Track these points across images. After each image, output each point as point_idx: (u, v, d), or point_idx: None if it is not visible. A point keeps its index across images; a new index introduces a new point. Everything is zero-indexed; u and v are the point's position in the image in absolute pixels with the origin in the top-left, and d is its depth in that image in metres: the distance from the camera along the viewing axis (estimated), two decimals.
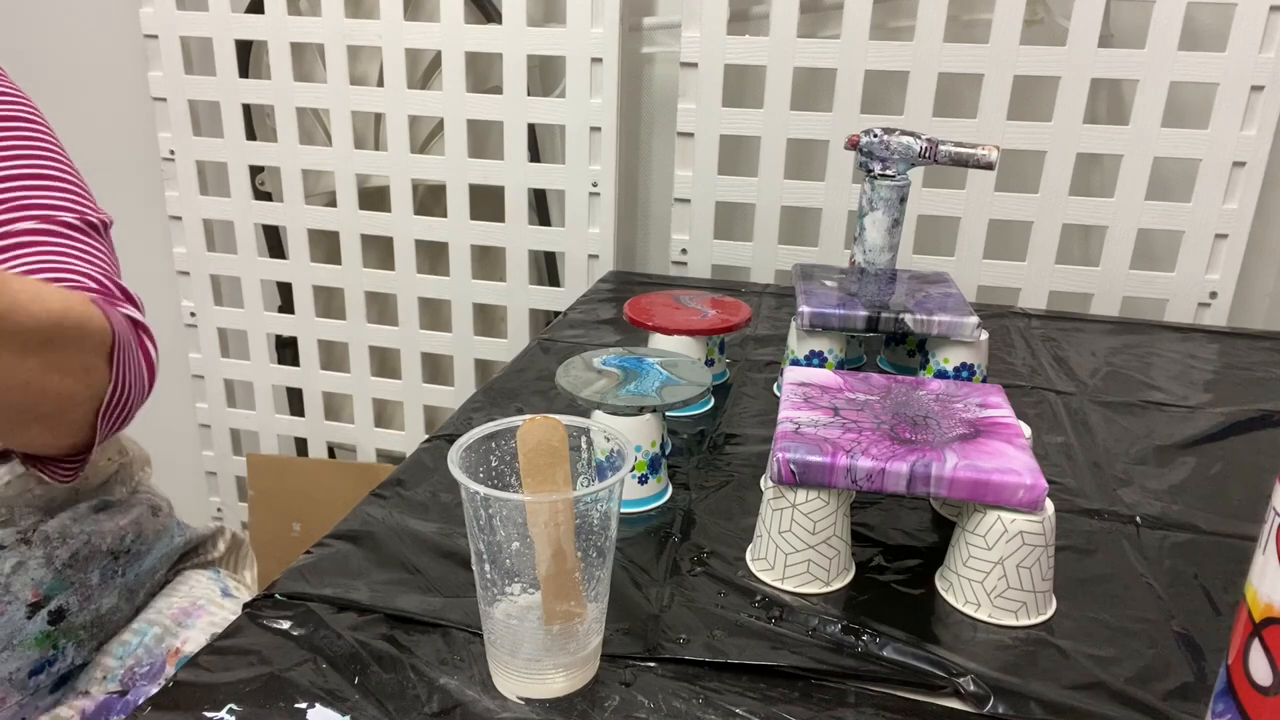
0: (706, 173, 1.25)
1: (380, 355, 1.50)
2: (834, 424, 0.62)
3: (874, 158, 0.84)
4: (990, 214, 1.20)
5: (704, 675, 0.52)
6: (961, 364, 0.83)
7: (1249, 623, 0.39)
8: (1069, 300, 1.22)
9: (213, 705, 0.49)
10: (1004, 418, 0.63)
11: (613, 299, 1.17)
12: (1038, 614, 0.57)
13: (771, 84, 1.20)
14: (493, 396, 0.88)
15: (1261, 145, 1.11)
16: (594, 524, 0.48)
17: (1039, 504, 0.55)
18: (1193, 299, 1.18)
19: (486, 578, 0.49)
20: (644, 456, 0.67)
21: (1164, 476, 0.76)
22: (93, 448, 0.60)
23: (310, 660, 0.52)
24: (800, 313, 0.84)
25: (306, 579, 0.59)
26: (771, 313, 1.14)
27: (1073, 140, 1.15)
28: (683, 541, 0.65)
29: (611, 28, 1.21)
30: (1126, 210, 1.16)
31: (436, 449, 0.77)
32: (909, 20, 1.18)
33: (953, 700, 0.51)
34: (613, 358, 0.74)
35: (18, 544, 0.65)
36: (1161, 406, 0.89)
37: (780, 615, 0.57)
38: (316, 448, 1.58)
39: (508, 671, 0.50)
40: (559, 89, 1.32)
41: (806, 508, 0.58)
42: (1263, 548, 0.39)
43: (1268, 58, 1.07)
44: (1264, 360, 1.03)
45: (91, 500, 0.71)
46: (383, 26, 1.28)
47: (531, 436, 0.47)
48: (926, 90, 1.15)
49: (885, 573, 0.62)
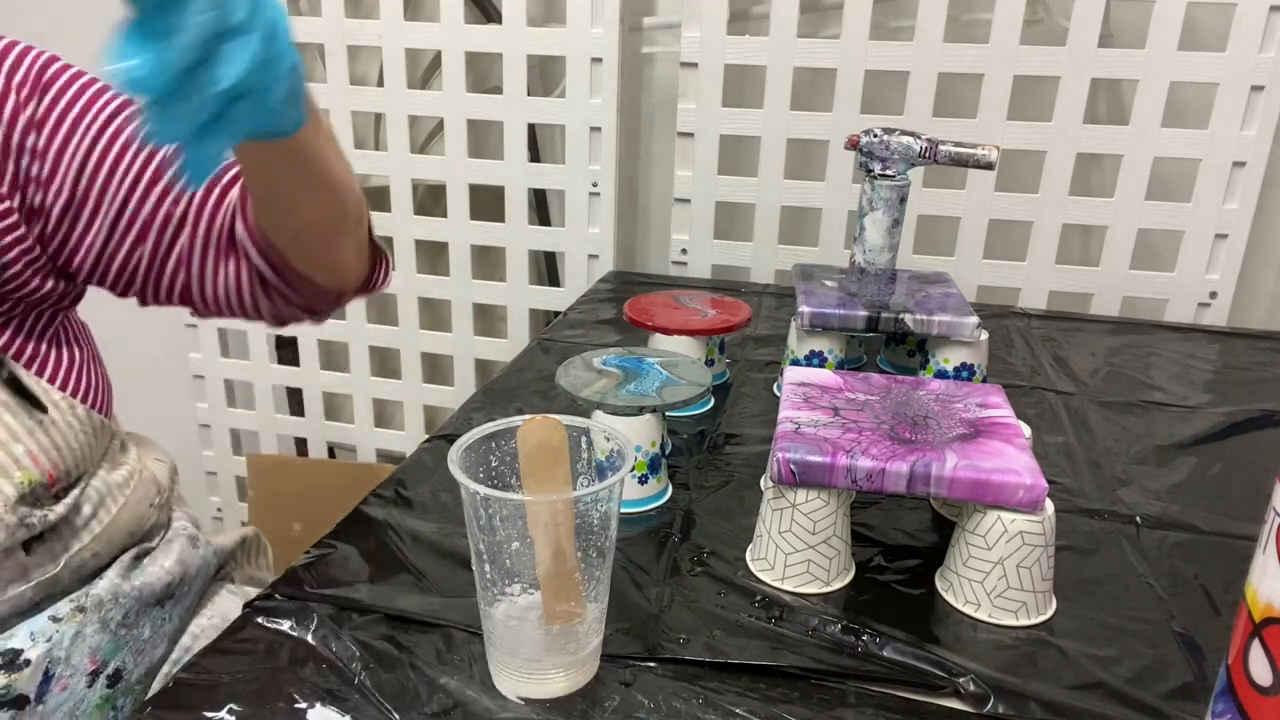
0: (706, 173, 1.25)
1: (380, 355, 1.50)
2: (834, 424, 0.62)
3: (874, 158, 0.84)
4: (990, 214, 1.20)
5: (704, 675, 0.52)
6: (961, 364, 0.83)
7: (1249, 623, 0.39)
8: (1069, 300, 1.22)
9: (213, 705, 0.49)
10: (1004, 418, 0.63)
11: (613, 299, 1.17)
12: (1038, 614, 0.57)
13: (771, 84, 1.20)
14: (493, 396, 0.88)
15: (1261, 145, 1.11)
16: (594, 524, 0.48)
17: (1039, 504, 0.55)
18: (1193, 299, 1.18)
19: (486, 578, 0.49)
20: (644, 456, 0.67)
21: (1164, 476, 0.76)
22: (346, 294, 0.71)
23: (310, 660, 0.52)
24: (800, 313, 0.84)
25: (306, 579, 0.59)
26: (771, 313, 1.14)
27: (1073, 140, 1.14)
28: (683, 541, 0.65)
29: (611, 28, 1.21)
30: (1126, 210, 1.16)
31: (436, 449, 0.77)
32: (909, 20, 1.18)
33: (953, 700, 0.51)
34: (613, 358, 0.74)
35: (74, 614, 0.64)
36: (1161, 406, 0.89)
37: (780, 615, 0.57)
38: (316, 448, 1.58)
39: (508, 671, 0.50)
40: (559, 89, 1.32)
41: (806, 508, 0.58)
42: (1263, 548, 0.39)
43: (1268, 58, 1.07)
44: (1264, 360, 1.03)
45: (132, 550, 0.70)
46: (383, 26, 1.28)
47: (532, 436, 0.47)
48: (926, 90, 1.15)
49: (885, 573, 0.62)
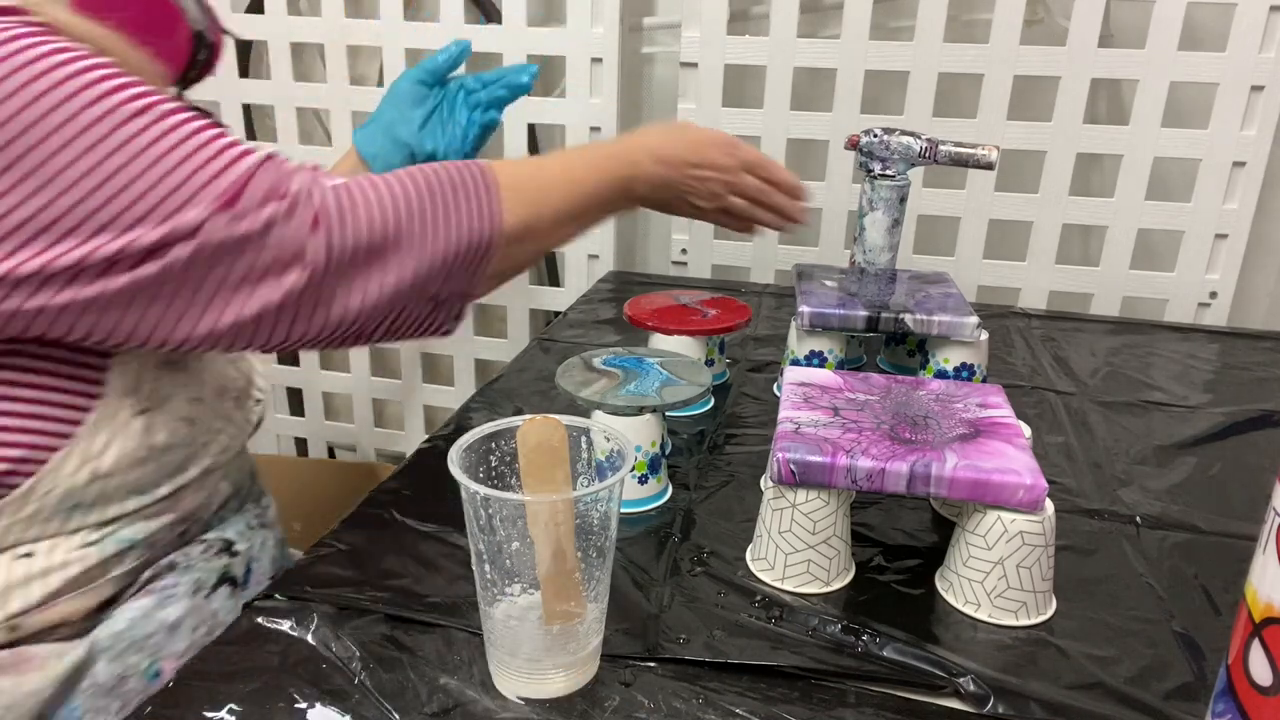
0: None
1: (380, 355, 1.50)
2: (834, 424, 0.62)
3: (874, 157, 0.84)
4: (990, 214, 1.20)
5: (704, 675, 0.52)
6: (961, 364, 0.83)
7: (1249, 623, 0.39)
8: (1069, 300, 1.22)
9: (213, 705, 0.49)
10: (1004, 418, 0.63)
11: (613, 299, 1.17)
12: (1038, 614, 0.57)
13: (771, 84, 1.20)
14: (493, 396, 0.88)
15: (1261, 145, 1.11)
16: (594, 524, 0.48)
17: (1039, 504, 0.55)
18: (1193, 299, 1.18)
19: (486, 578, 0.49)
20: (644, 456, 0.67)
21: (1164, 476, 0.76)
22: None
23: (310, 660, 0.52)
24: (800, 313, 0.84)
25: (306, 579, 0.59)
26: (771, 313, 1.14)
27: (1073, 140, 1.14)
28: (683, 541, 0.65)
29: (611, 28, 1.21)
30: (1126, 210, 1.16)
31: (436, 449, 0.77)
32: (909, 20, 1.18)
33: (953, 700, 0.51)
34: (613, 358, 0.74)
35: (260, 526, 0.70)
36: (1161, 406, 0.89)
37: (780, 615, 0.57)
38: (316, 448, 1.58)
39: (508, 671, 0.50)
40: (559, 89, 1.32)
41: (806, 508, 0.58)
42: (1263, 548, 0.39)
43: (1268, 58, 1.07)
44: (1264, 360, 1.03)
45: None
46: (383, 26, 1.28)
47: (531, 436, 0.47)
48: (926, 90, 1.15)
49: (885, 573, 0.62)
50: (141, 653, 0.60)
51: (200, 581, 0.65)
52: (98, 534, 0.60)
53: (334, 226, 0.55)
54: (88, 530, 0.59)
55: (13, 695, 0.55)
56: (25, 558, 0.57)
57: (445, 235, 0.60)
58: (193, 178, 0.51)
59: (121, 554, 0.61)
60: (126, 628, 0.60)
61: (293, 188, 0.54)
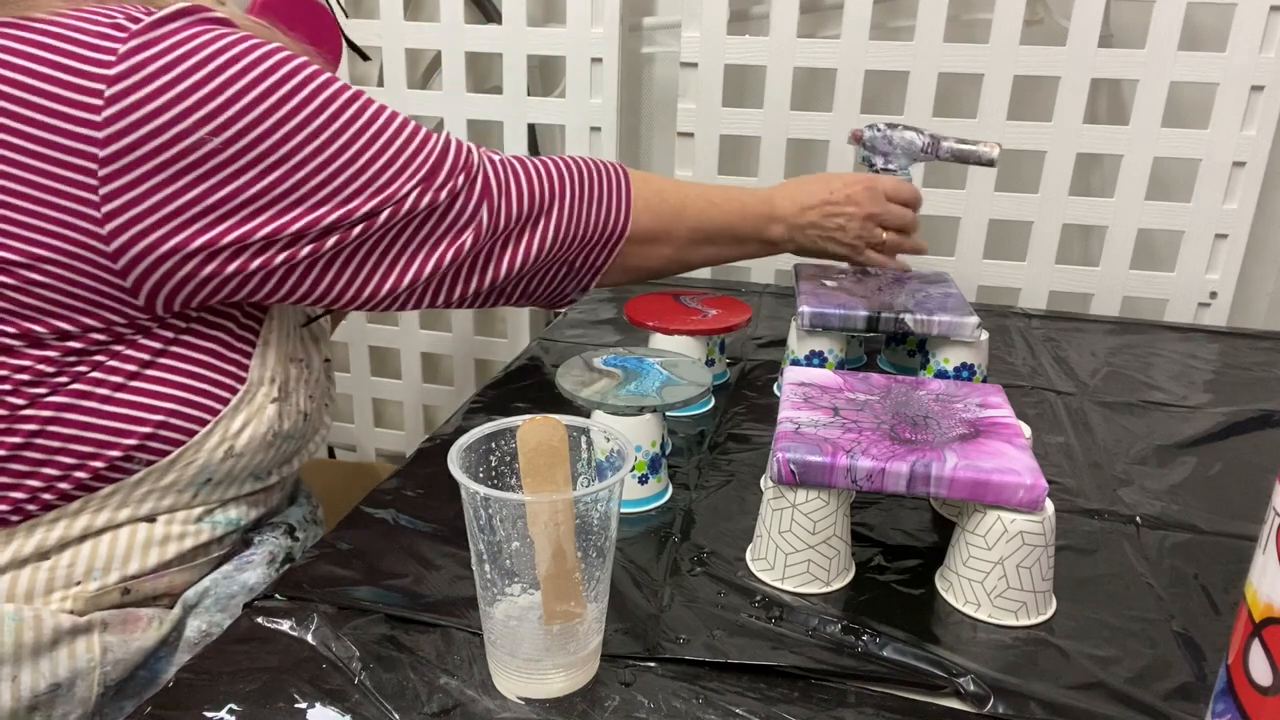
0: (706, 173, 1.25)
1: (380, 355, 1.50)
2: (834, 424, 0.62)
3: (876, 152, 0.84)
4: (990, 214, 1.20)
5: (704, 675, 0.52)
6: (961, 364, 0.83)
7: (1249, 623, 0.39)
8: (1069, 300, 1.22)
9: (213, 705, 0.49)
10: (1004, 418, 0.63)
11: (613, 299, 1.17)
12: (1038, 614, 0.57)
13: (771, 84, 1.20)
14: (492, 396, 0.88)
15: (1261, 145, 1.11)
16: (594, 524, 0.48)
17: (1039, 504, 0.55)
18: (1193, 299, 1.18)
19: (486, 578, 0.49)
20: (644, 456, 0.67)
21: (1164, 476, 0.76)
22: None
23: (310, 660, 0.52)
24: (800, 313, 0.84)
25: (306, 579, 0.59)
26: (771, 313, 1.14)
27: (1073, 140, 1.14)
28: (683, 541, 0.65)
29: (611, 28, 1.21)
30: (1126, 210, 1.16)
31: (436, 449, 0.77)
32: (909, 20, 1.18)
33: (953, 700, 0.51)
34: (613, 358, 0.74)
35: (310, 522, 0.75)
36: (1161, 406, 0.89)
37: (780, 615, 0.57)
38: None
39: (508, 671, 0.50)
40: (559, 89, 1.32)
41: (806, 508, 0.58)
42: (1263, 548, 0.39)
43: (1268, 58, 1.07)
44: (1264, 360, 1.03)
45: None
46: (383, 26, 1.28)
47: (531, 436, 0.47)
48: (926, 90, 1.15)
49: (885, 573, 0.62)
50: (224, 612, 0.66)
51: (273, 554, 0.70)
52: (211, 512, 0.66)
53: (498, 194, 0.68)
54: (206, 507, 0.66)
55: (122, 651, 0.61)
56: (148, 522, 0.63)
57: (584, 213, 0.73)
58: (400, 155, 0.62)
59: (223, 536, 0.67)
60: (212, 586, 0.66)
61: (474, 161, 0.66)
